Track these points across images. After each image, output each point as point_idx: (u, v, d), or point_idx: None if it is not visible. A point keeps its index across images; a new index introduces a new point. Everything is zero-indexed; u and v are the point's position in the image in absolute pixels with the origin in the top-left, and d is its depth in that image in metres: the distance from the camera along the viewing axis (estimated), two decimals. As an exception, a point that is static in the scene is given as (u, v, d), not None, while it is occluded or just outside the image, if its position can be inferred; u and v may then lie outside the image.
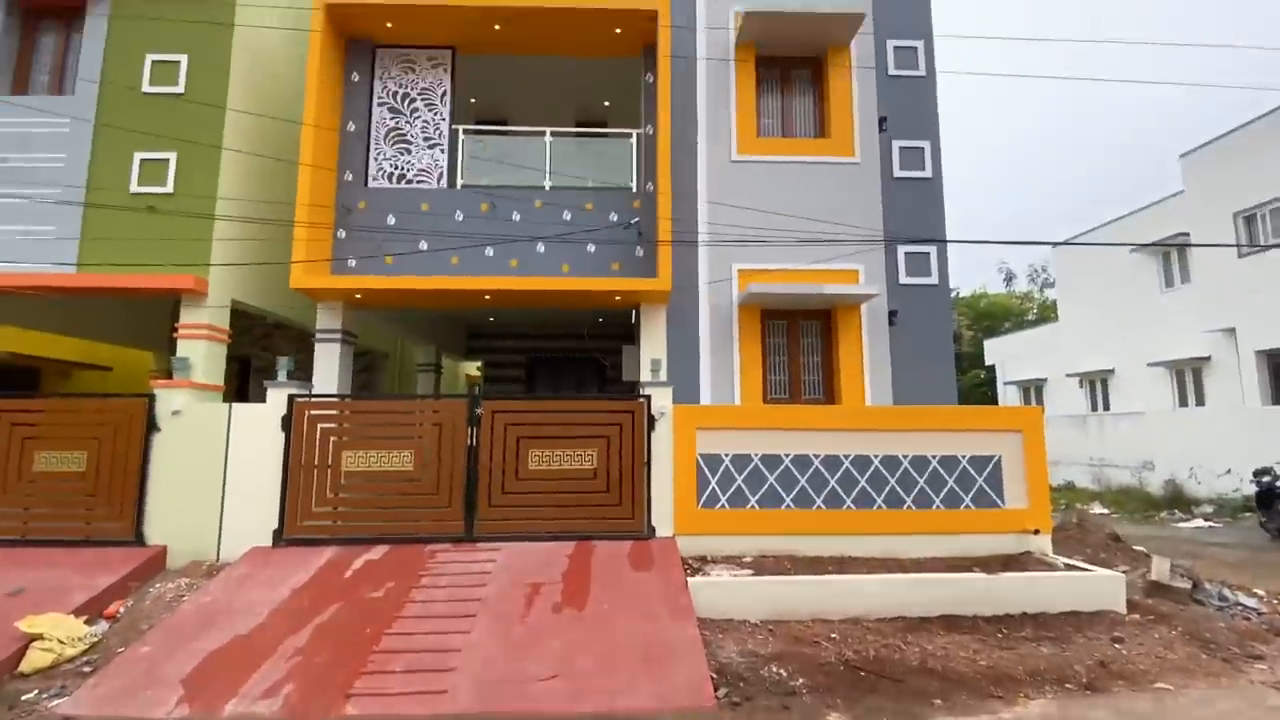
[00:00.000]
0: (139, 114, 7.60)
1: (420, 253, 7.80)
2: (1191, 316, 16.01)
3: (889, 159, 8.36)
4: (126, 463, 6.63)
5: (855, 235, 7.82)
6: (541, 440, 6.62)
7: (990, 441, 7.01)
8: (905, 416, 7.04)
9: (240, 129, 7.95)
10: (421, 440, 6.68)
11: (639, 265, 7.82)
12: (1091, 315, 19.54)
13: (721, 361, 7.96)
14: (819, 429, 6.81)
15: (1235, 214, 14.40)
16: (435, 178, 8.28)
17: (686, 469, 6.61)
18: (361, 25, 8.23)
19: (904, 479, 6.79)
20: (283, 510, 6.49)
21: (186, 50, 7.72)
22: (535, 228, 7.84)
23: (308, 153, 7.48)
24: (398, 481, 6.62)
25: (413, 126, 8.44)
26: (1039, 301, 29.86)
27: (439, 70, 8.59)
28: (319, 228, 7.63)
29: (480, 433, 6.61)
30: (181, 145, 7.53)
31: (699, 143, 8.39)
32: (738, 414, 7.05)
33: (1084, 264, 19.95)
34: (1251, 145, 13.90)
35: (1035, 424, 7.17)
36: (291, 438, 6.65)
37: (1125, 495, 15.28)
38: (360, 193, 8.09)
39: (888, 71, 8.57)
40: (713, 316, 8.04)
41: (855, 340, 7.97)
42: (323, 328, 7.92)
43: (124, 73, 7.69)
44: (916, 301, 8.08)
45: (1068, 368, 19.87)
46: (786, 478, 6.66)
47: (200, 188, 7.55)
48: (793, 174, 8.24)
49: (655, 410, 6.67)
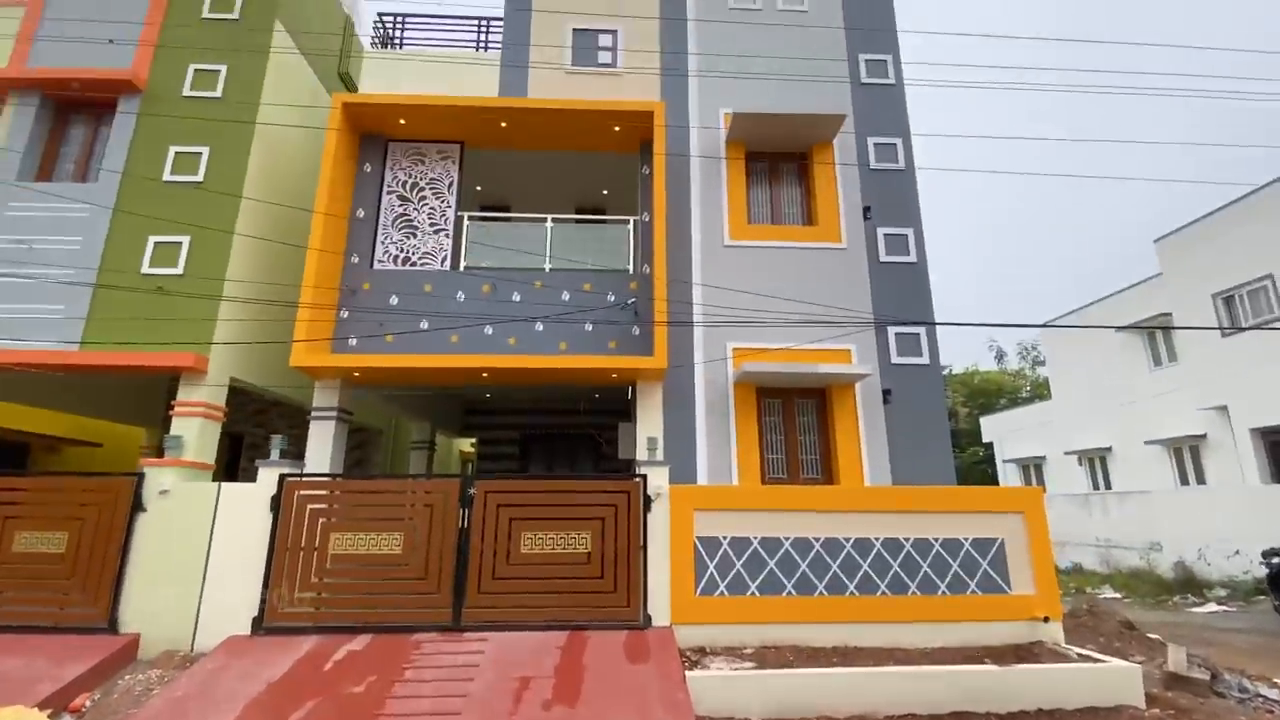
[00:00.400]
0: (157, 200, 7.96)
1: (421, 332, 7.95)
2: (1183, 394, 16.17)
3: (875, 245, 8.74)
4: (108, 545, 6.45)
5: (845, 317, 8.04)
6: (535, 522, 6.49)
7: (992, 524, 6.90)
8: (905, 498, 6.96)
9: (252, 212, 8.30)
10: (412, 522, 6.54)
11: (635, 344, 7.96)
12: (1084, 393, 19.72)
13: (718, 440, 7.95)
14: (819, 510, 6.71)
15: (1214, 295, 14.88)
16: (439, 260, 8.57)
17: (684, 553, 6.45)
18: (376, 122, 8.78)
19: (907, 563, 6.62)
20: (264, 596, 6.25)
21: (209, 142, 8.20)
22: (534, 307, 8.05)
23: (316, 238, 7.78)
24: (385, 566, 6.42)
25: (420, 213, 8.82)
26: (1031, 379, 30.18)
27: (447, 162, 9.09)
28: (322, 308, 7.82)
29: (472, 514, 6.49)
30: (195, 229, 7.84)
31: (693, 228, 8.78)
32: (736, 495, 6.96)
33: (1073, 343, 20.35)
34: (1224, 230, 14.57)
35: (1036, 505, 7.08)
36: (279, 519, 6.51)
37: (1135, 578, 14.85)
38: (365, 274, 8.34)
39: (869, 165, 9.11)
40: (709, 395, 8.11)
41: (851, 420, 8.01)
42: (319, 405, 7.93)
43: (147, 163, 8.12)
44: (909, 381, 8.19)
45: (1065, 445, 19.82)
46: (787, 562, 6.49)
47: (209, 269, 7.79)
48: (783, 258, 8.57)
49: (651, 490, 6.59)
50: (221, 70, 8.53)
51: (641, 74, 9.46)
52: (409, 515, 6.60)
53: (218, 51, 8.60)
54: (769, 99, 9.24)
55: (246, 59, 8.59)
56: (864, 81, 9.48)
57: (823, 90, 9.38)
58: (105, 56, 8.55)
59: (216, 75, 8.51)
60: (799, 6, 9.82)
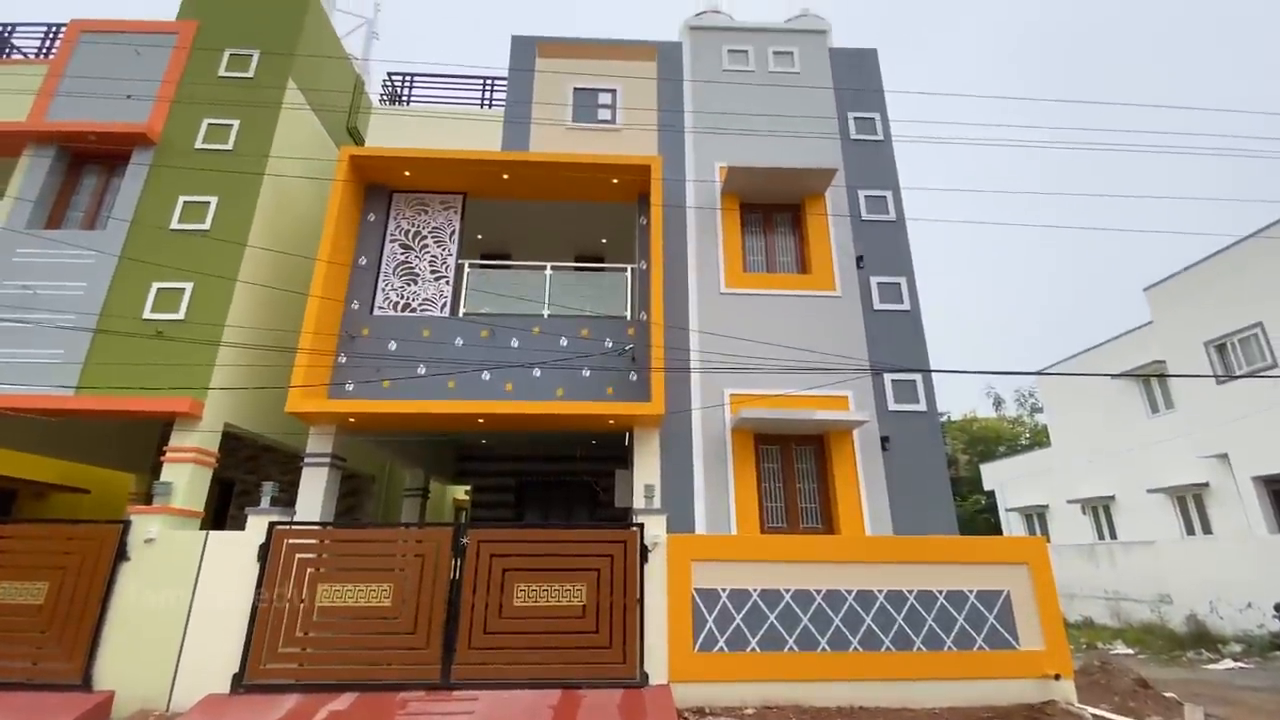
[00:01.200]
0: (163, 248, 8.10)
1: (418, 377, 7.95)
2: (1182, 442, 16.08)
3: (868, 293, 8.86)
4: (88, 596, 6.26)
5: (841, 363, 8.08)
6: (529, 573, 6.32)
7: (996, 575, 6.75)
8: (907, 548, 6.83)
9: (256, 260, 8.43)
10: (402, 573, 6.38)
11: (632, 390, 7.96)
12: (1083, 440, 19.61)
13: (716, 488, 7.85)
14: (820, 561, 6.57)
15: (1206, 343, 15.01)
16: (439, 306, 8.65)
17: (681, 606, 6.27)
18: (381, 174, 9.03)
19: (911, 617, 6.44)
20: (246, 651, 6.02)
21: (218, 193, 8.41)
22: (532, 353, 8.08)
23: (318, 286, 7.89)
24: (373, 619, 6.22)
25: (421, 261, 8.97)
26: (1030, 425, 30.06)
27: (450, 212, 9.30)
28: (320, 353, 7.84)
29: (464, 565, 6.33)
30: (199, 276, 7.94)
31: (689, 277, 8.91)
32: (735, 545, 6.82)
33: (1069, 390, 20.37)
34: (1213, 278, 14.81)
35: (1040, 556, 6.94)
36: (266, 569, 6.35)
37: (1147, 632, 14.42)
38: (365, 320, 8.41)
39: (860, 217, 9.33)
40: (706, 442, 8.05)
41: (850, 467, 7.94)
42: (313, 451, 7.85)
43: (155, 212, 8.30)
44: (907, 428, 8.16)
45: (1068, 493, 19.58)
46: (788, 616, 6.30)
47: (210, 314, 7.85)
48: (778, 306, 8.68)
49: (649, 539, 6.46)
50: (234, 124, 8.83)
51: (639, 130, 9.80)
52: (400, 566, 6.44)
53: (231, 107, 8.92)
54: (763, 153, 9.55)
55: (259, 114, 8.90)
56: (854, 138, 9.83)
57: (814, 145, 9.71)
58: (122, 111, 8.86)
59: (229, 129, 8.80)
60: (790, 68, 10.28)
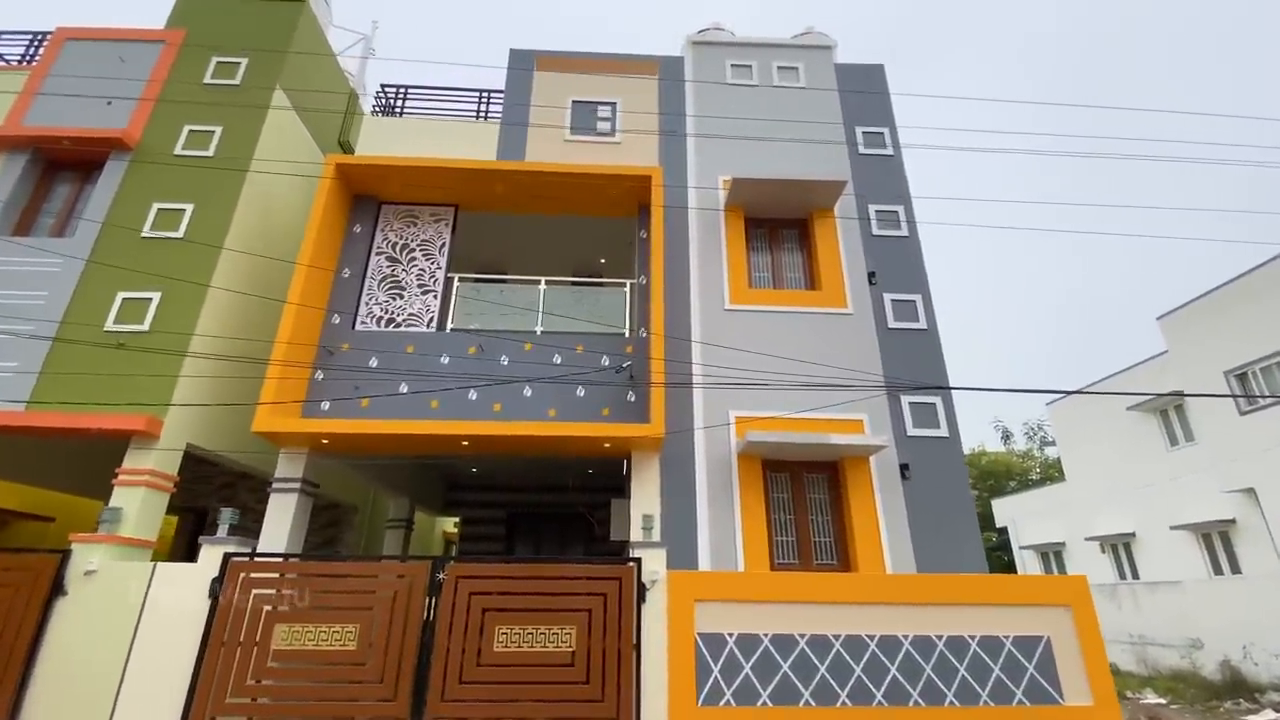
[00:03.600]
0: (133, 256, 7.61)
1: (399, 395, 7.37)
2: (1205, 476, 15.40)
3: (882, 311, 8.35)
4: (17, 635, 5.54)
5: (856, 381, 7.50)
6: (512, 615, 5.61)
7: (1034, 618, 6.05)
8: (934, 588, 6.13)
9: (231, 270, 7.93)
10: (371, 612, 5.67)
11: (630, 411, 7.36)
12: (1099, 474, 18.88)
13: (721, 519, 7.17)
14: (838, 603, 5.87)
15: (1226, 372, 14.45)
16: (426, 322, 8.13)
17: (683, 653, 5.54)
18: (369, 184, 8.62)
19: (941, 666, 5.71)
20: (189, 701, 5.29)
21: (194, 199, 7.97)
22: (523, 371, 7.51)
23: (296, 292, 7.37)
24: (336, 665, 5.49)
25: (409, 274, 8.48)
26: (1040, 460, 29.24)
27: (440, 224, 8.86)
28: (295, 369, 7.28)
29: (440, 604, 5.63)
30: (168, 285, 7.43)
31: (692, 293, 8.41)
32: (743, 583, 6.12)
33: (1083, 422, 19.74)
34: (1230, 305, 14.33)
35: (1083, 596, 6.26)
36: (218, 606, 5.66)
37: (1179, 680, 13.53)
38: (345, 335, 7.87)
39: (872, 232, 8.88)
40: (710, 468, 7.41)
41: (867, 498, 7.27)
42: (281, 476, 7.19)
43: (127, 218, 7.84)
44: (928, 455, 7.54)
45: (1085, 530, 18.75)
46: (803, 665, 5.58)
47: (177, 327, 7.31)
48: (787, 323, 8.14)
49: (646, 577, 5.77)
50: (216, 131, 8.45)
51: (640, 143, 9.44)
52: (368, 604, 5.73)
53: (215, 113, 8.56)
54: (768, 167, 9.16)
55: (243, 121, 8.53)
56: (862, 152, 9.46)
57: (821, 159, 9.33)
58: (102, 117, 8.49)
59: (210, 135, 8.42)
60: (795, 83, 9.98)
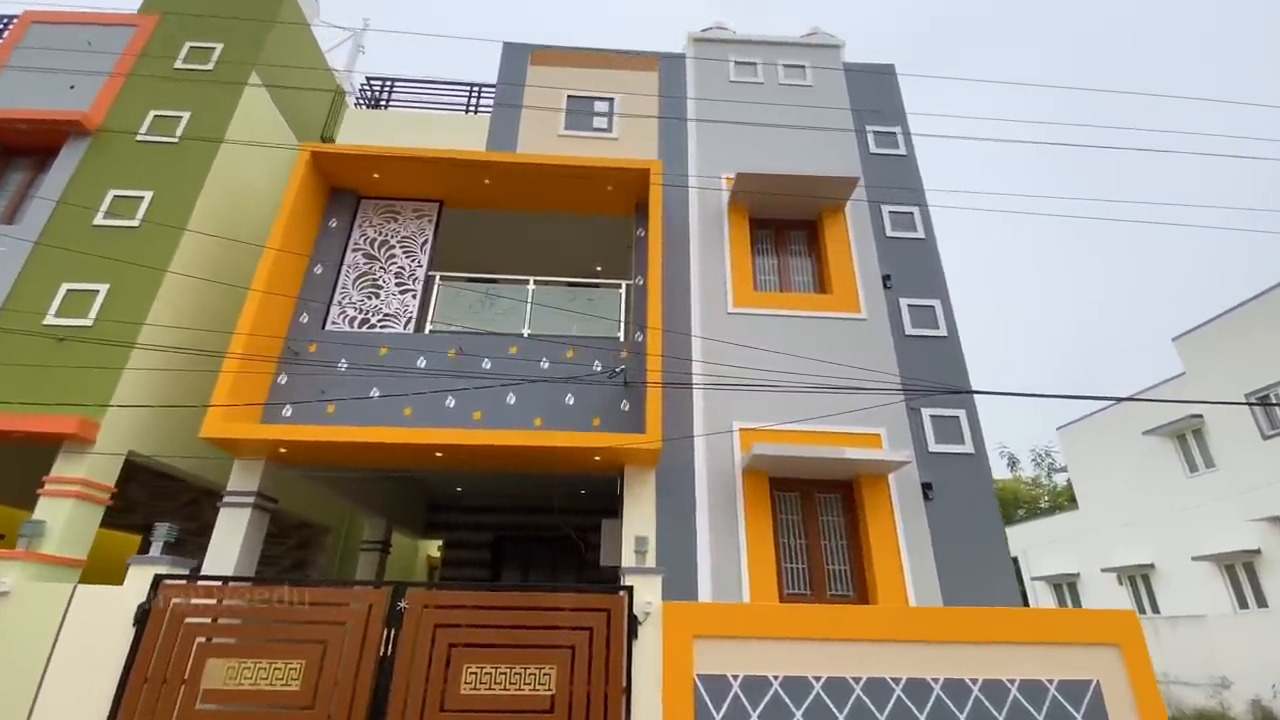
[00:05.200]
0: (82, 244, 6.95)
1: (369, 400, 6.66)
2: (1228, 503, 14.68)
3: (898, 317, 7.72)
4: (-93, 670, 4.75)
5: (872, 387, 6.81)
6: (483, 651, 4.83)
7: (1082, 660, 5.29)
8: (966, 623, 5.37)
9: (190, 263, 7.28)
10: (321, 646, 4.88)
11: (624, 421, 6.66)
12: (1114, 502, 18.10)
13: (724, 544, 6.41)
14: (858, 640, 5.11)
15: (1247, 395, 13.82)
16: (403, 322, 7.48)
17: (680, 699, 4.75)
18: (349, 176, 8.03)
19: (978, 715, 4.93)
20: (99, 752, 4.48)
21: (154, 186, 7.36)
22: (507, 377, 6.82)
23: (261, 279, 6.72)
24: (277, 708, 4.70)
25: (387, 272, 7.85)
26: (1049, 488, 28.38)
27: (423, 220, 8.26)
28: (256, 371, 6.57)
29: (400, 637, 4.85)
30: (118, 276, 6.77)
31: (692, 296, 7.78)
32: (749, 616, 5.34)
33: (1095, 447, 19.05)
34: (1250, 326, 13.79)
35: (1134, 635, 5.48)
36: (143, 636, 4.87)
37: (1206, 721, 12.68)
38: (314, 335, 7.19)
39: (885, 233, 8.31)
40: (712, 485, 6.68)
41: (886, 521, 6.53)
42: (234, 489, 6.43)
43: (80, 204, 7.20)
44: (952, 474, 6.83)
45: (1101, 561, 17.89)
46: (819, 712, 4.79)
47: (126, 320, 6.61)
48: (795, 328, 7.49)
49: (639, 608, 5.01)
50: (184, 116, 7.89)
51: (638, 138, 8.92)
52: (318, 637, 4.95)
53: (184, 98, 8.01)
54: (773, 165, 8.58)
55: (213, 108, 7.98)
56: (874, 151, 8.95)
57: (830, 158, 8.80)
58: (64, 101, 7.93)
59: (177, 121, 7.85)
60: (802, 81, 9.52)
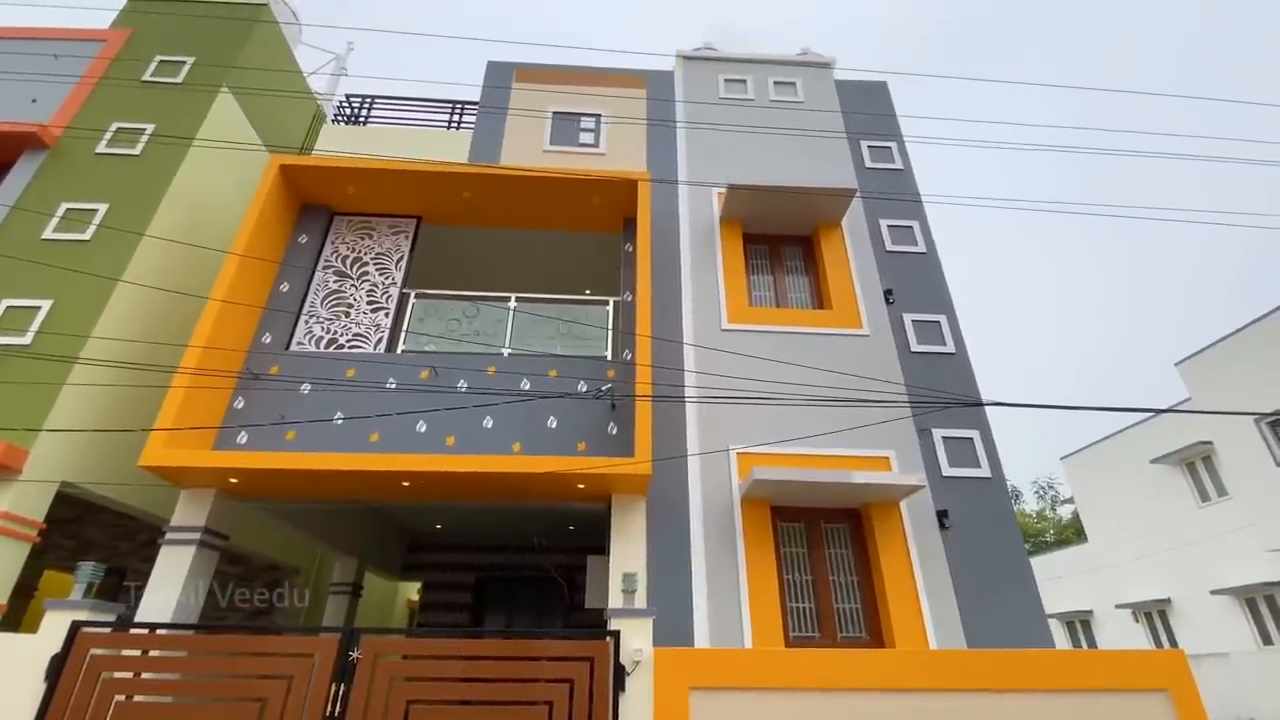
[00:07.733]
0: (30, 258, 6.46)
1: (332, 425, 6.09)
2: (1244, 534, 14.08)
3: (903, 333, 7.28)
4: None
5: (880, 411, 6.30)
6: (447, 708, 4.19)
7: (1126, 710, 4.69)
8: (995, 667, 4.76)
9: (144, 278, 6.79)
10: (259, 705, 4.22)
11: (612, 445, 6.10)
12: (1125, 535, 17.44)
13: (722, 581, 5.77)
14: (874, 689, 4.49)
15: (1257, 420, 13.39)
16: (374, 342, 6.97)
17: (675, 763, 4.10)
18: (321, 191, 7.65)
19: (1016, 778, 4.29)
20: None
21: (109, 199, 6.92)
22: (484, 400, 6.29)
23: (222, 289, 6.22)
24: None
25: (359, 290, 7.38)
26: (1054, 520, 27.61)
27: (400, 236, 7.85)
28: (209, 393, 6.01)
29: (352, 693, 4.20)
30: (62, 291, 6.27)
31: (684, 313, 7.32)
32: (752, 664, 4.71)
33: (1102, 477, 18.51)
34: (1256, 348, 13.42)
35: (1183, 678, 4.89)
36: (56, 693, 4.21)
37: (1245, 774, 11.76)
38: (276, 357, 6.66)
39: (885, 248, 7.95)
40: (708, 516, 6.08)
41: (900, 553, 5.92)
42: (177, 524, 5.78)
43: (29, 219, 6.78)
44: (969, 499, 6.27)
45: (1115, 597, 17.12)
46: (835, 778, 4.14)
47: (66, 342, 6.07)
48: (794, 344, 7.01)
49: (627, 656, 4.38)
50: (148, 129, 7.52)
51: (625, 153, 8.61)
52: (256, 693, 4.29)
53: (149, 111, 7.67)
54: (766, 180, 8.27)
55: (179, 121, 7.63)
56: (869, 166, 8.67)
57: (824, 173, 8.49)
58: (23, 114, 7.56)
59: (139, 134, 7.49)
60: (793, 97, 9.32)
